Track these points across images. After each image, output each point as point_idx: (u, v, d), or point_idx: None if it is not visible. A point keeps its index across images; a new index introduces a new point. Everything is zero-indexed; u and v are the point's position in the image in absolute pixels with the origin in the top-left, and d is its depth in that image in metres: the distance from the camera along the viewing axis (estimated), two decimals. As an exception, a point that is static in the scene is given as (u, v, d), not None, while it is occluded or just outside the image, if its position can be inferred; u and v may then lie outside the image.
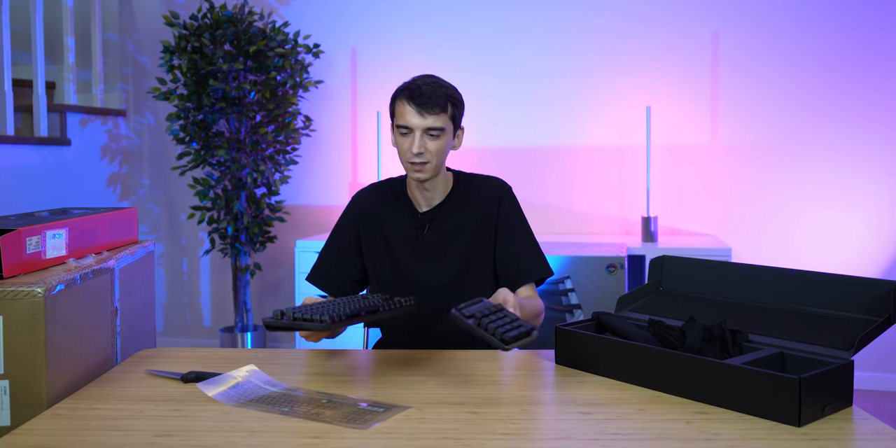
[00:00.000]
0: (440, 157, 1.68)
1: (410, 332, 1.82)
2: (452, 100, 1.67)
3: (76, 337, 1.46)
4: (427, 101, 1.63)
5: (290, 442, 1.14)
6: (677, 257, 1.69)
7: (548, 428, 1.20)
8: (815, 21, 3.51)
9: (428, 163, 1.67)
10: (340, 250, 1.84)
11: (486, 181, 1.82)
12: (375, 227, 1.81)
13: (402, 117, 1.66)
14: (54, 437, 1.17)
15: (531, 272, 1.78)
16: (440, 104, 1.64)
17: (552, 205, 3.74)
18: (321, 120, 3.91)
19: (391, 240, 1.79)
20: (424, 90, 1.64)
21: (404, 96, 1.66)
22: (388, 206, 1.82)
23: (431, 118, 1.64)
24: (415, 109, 1.64)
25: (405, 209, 1.80)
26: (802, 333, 1.39)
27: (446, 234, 1.77)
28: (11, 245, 1.43)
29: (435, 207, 1.79)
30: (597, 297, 2.94)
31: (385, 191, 1.85)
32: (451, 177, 1.82)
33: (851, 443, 1.13)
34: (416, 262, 1.77)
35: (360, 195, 1.87)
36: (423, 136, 1.65)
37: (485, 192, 1.80)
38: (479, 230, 1.78)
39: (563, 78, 3.72)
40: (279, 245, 3.92)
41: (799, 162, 3.55)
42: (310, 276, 1.85)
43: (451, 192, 1.80)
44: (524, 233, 1.81)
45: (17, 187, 3.22)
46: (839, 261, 3.50)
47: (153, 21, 4.01)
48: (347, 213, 1.86)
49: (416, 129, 1.65)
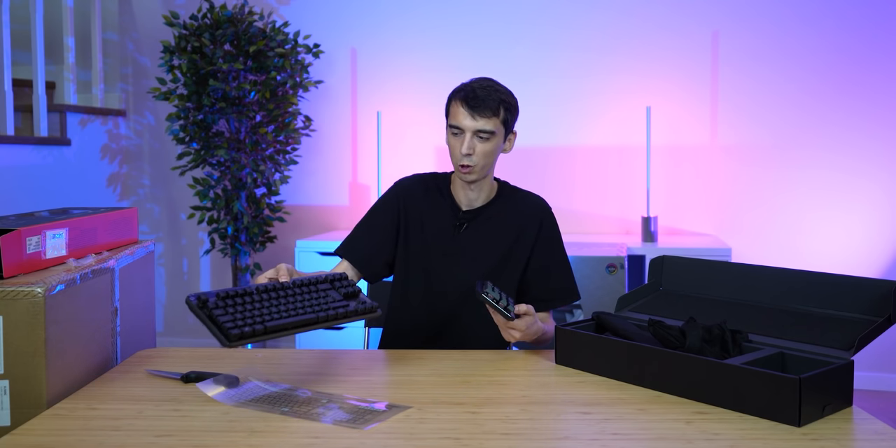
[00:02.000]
0: (488, 158, 1.71)
1: (420, 325, 1.82)
2: (506, 105, 1.70)
3: (76, 337, 1.46)
4: (480, 104, 1.66)
5: (290, 442, 1.14)
6: (677, 257, 1.69)
7: (548, 428, 1.20)
8: (815, 21, 3.51)
9: (475, 166, 1.70)
10: (378, 229, 1.84)
11: (529, 196, 1.85)
12: (416, 215, 1.83)
13: (455, 118, 1.70)
14: (54, 437, 1.17)
15: (561, 298, 1.82)
16: (492, 108, 1.67)
17: (552, 205, 3.71)
18: (321, 120, 3.91)
19: (428, 231, 1.81)
20: (479, 93, 1.67)
21: (459, 98, 1.70)
22: (431, 198, 1.84)
23: (482, 121, 1.67)
24: (467, 111, 1.68)
25: (447, 205, 1.82)
26: (802, 333, 1.39)
27: (483, 236, 1.79)
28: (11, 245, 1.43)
29: (476, 209, 1.81)
30: (597, 297, 2.94)
31: (430, 183, 1.87)
32: (497, 185, 1.85)
33: (851, 443, 1.13)
34: (447, 258, 1.79)
35: (406, 181, 1.88)
36: (473, 137, 1.68)
37: (528, 206, 1.83)
38: (516, 241, 1.80)
39: (563, 78, 3.72)
40: (279, 245, 3.92)
41: (799, 162, 3.55)
42: (340, 248, 1.84)
43: (494, 198, 1.82)
44: (561, 256, 1.84)
45: (17, 187, 3.22)
46: (839, 261, 3.50)
47: (153, 21, 4.01)
48: (391, 196, 1.86)
49: (467, 131, 1.68)
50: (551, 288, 1.82)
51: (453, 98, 1.72)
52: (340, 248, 1.85)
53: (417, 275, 1.81)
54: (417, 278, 1.81)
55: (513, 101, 1.72)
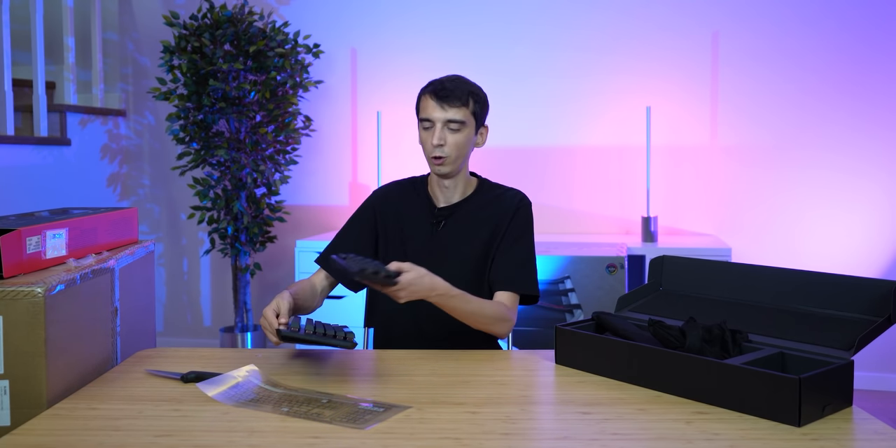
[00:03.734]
0: (460, 150, 1.71)
1: (410, 327, 1.82)
2: (475, 96, 1.72)
3: (76, 337, 1.46)
4: (449, 94, 1.69)
5: (290, 442, 1.14)
6: (677, 257, 1.69)
7: (548, 428, 1.19)
8: (815, 21, 3.51)
9: (448, 156, 1.70)
10: (355, 238, 1.85)
11: (509, 191, 1.84)
12: (393, 219, 1.83)
13: (425, 111, 1.72)
14: (54, 437, 1.17)
15: (515, 283, 1.74)
16: (461, 98, 1.69)
17: (552, 205, 3.74)
18: (321, 120, 3.91)
19: (407, 231, 1.81)
20: (447, 85, 1.70)
21: (428, 91, 1.72)
22: (408, 200, 1.85)
23: (452, 111, 1.69)
24: (436, 103, 1.70)
25: (424, 204, 1.83)
26: (802, 333, 1.39)
27: (461, 233, 1.79)
28: (11, 245, 1.43)
29: (453, 205, 1.81)
30: (597, 297, 2.94)
31: (406, 186, 1.88)
32: (475, 181, 1.85)
33: (851, 443, 1.13)
34: (429, 256, 1.78)
35: (382, 189, 1.90)
36: (443, 128, 1.70)
37: (506, 200, 1.81)
38: (492, 234, 1.79)
39: (563, 78, 3.72)
40: (279, 245, 3.92)
41: (799, 162, 3.55)
42: (320, 260, 1.85)
43: (472, 195, 1.82)
44: (525, 246, 1.79)
45: (17, 187, 3.22)
46: (839, 261, 3.50)
47: (153, 21, 4.01)
48: (367, 205, 1.88)
49: (437, 122, 1.70)
50: (507, 274, 1.75)
51: (423, 93, 1.74)
52: (320, 259, 1.85)
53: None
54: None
55: (482, 94, 1.74)
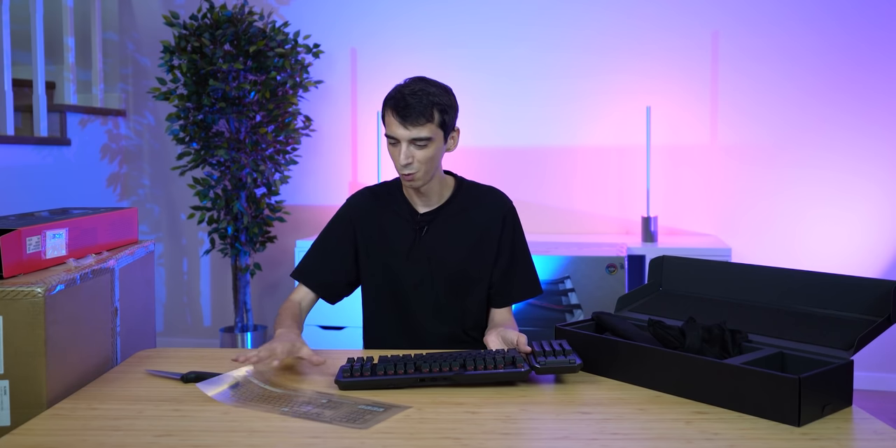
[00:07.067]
0: (430, 164, 1.66)
1: (399, 333, 1.81)
2: (440, 107, 1.63)
3: (76, 337, 1.46)
4: (411, 112, 1.60)
5: (290, 442, 1.14)
6: (677, 257, 1.69)
7: (548, 428, 1.20)
8: (815, 21, 3.51)
9: (417, 172, 1.66)
10: (332, 250, 1.81)
11: (489, 192, 1.82)
12: (373, 227, 1.80)
13: (389, 127, 1.65)
14: (54, 437, 1.17)
15: (524, 292, 1.83)
16: (424, 114, 1.61)
17: (552, 205, 3.74)
18: (321, 120, 3.91)
19: (390, 238, 1.78)
20: (409, 101, 1.61)
21: (390, 106, 1.64)
22: (386, 206, 1.80)
23: (416, 130, 1.62)
24: (398, 121, 1.62)
25: (404, 210, 1.79)
26: (802, 333, 1.39)
27: (446, 237, 1.77)
28: (11, 245, 1.43)
29: (435, 210, 1.78)
30: (597, 297, 2.94)
31: (382, 192, 1.83)
32: (452, 181, 1.81)
33: (851, 443, 1.13)
34: (413, 262, 1.76)
35: (357, 196, 1.85)
36: (409, 146, 1.63)
37: (489, 202, 1.80)
38: (480, 240, 1.77)
39: (563, 78, 3.72)
40: (279, 245, 3.92)
41: (799, 162, 3.55)
42: (297, 273, 1.81)
43: (451, 197, 1.79)
44: (524, 253, 1.83)
45: (17, 187, 3.23)
46: (839, 261, 3.50)
47: (153, 21, 4.01)
48: (342, 214, 1.83)
49: (402, 140, 1.63)
50: (514, 284, 1.81)
51: (385, 106, 1.66)
52: (297, 273, 1.81)
53: (387, 284, 1.78)
54: (387, 287, 1.78)
55: (447, 100, 1.65)
